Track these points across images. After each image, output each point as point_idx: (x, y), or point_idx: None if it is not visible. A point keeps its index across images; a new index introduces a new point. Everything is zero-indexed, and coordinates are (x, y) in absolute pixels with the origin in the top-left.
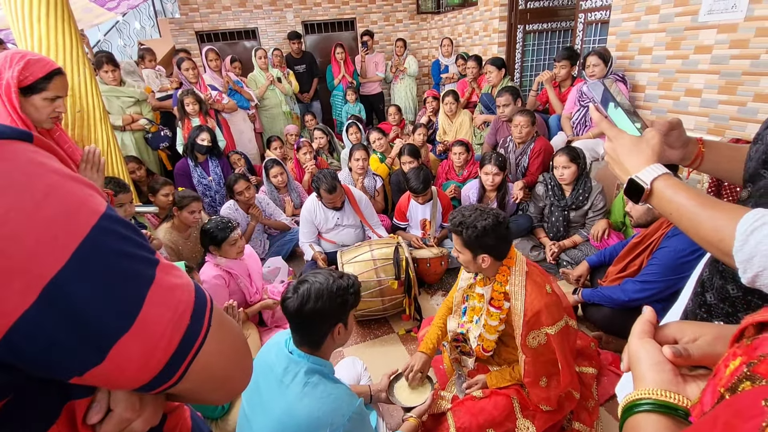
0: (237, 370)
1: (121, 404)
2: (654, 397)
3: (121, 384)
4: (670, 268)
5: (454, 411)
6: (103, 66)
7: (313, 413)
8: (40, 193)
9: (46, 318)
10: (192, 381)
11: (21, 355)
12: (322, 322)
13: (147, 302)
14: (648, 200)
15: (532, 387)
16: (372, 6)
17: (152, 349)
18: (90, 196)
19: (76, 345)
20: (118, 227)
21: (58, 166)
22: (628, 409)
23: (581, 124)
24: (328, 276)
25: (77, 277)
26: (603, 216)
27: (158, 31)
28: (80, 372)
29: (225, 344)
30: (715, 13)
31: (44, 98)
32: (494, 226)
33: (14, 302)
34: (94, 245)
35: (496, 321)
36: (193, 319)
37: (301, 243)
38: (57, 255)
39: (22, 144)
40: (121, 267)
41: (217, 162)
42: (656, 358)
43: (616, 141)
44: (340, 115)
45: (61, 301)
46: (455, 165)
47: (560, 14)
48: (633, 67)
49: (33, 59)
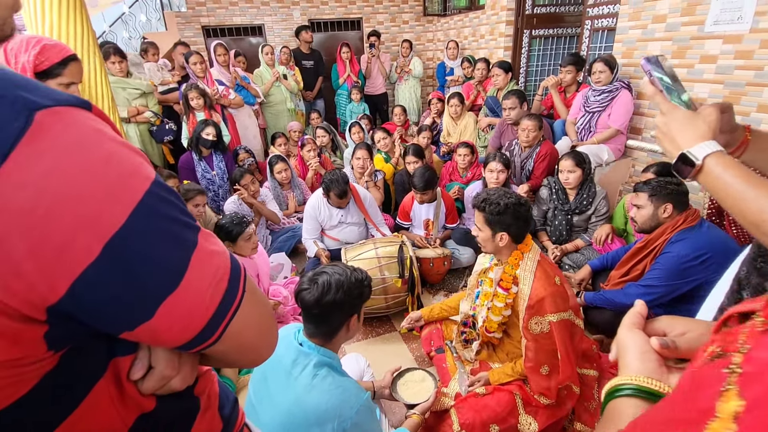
0: (265, 337)
1: (161, 362)
2: (636, 382)
3: (166, 341)
4: (674, 273)
5: (457, 408)
6: (110, 57)
7: (321, 405)
8: (103, 157)
9: (106, 272)
10: (226, 344)
11: (83, 306)
12: (341, 313)
13: (191, 265)
14: (696, 177)
15: (533, 374)
16: (379, 6)
17: (195, 309)
18: (141, 164)
19: (130, 300)
20: (167, 194)
21: (114, 135)
22: (610, 393)
23: (586, 129)
24: (346, 268)
25: (134, 236)
26: (606, 221)
27: (164, 24)
28: (132, 327)
29: (256, 312)
30: (721, 24)
31: (59, 84)
32: (516, 205)
33: (81, 255)
34: (147, 208)
35: (502, 303)
36: (230, 285)
37: (304, 239)
38: (117, 214)
39: (84, 111)
40: (170, 230)
41: (221, 157)
42: (642, 348)
43: (669, 115)
44: (344, 114)
45: (119, 257)
46: (459, 166)
47: (567, 20)
48: (638, 74)
49: (49, 44)
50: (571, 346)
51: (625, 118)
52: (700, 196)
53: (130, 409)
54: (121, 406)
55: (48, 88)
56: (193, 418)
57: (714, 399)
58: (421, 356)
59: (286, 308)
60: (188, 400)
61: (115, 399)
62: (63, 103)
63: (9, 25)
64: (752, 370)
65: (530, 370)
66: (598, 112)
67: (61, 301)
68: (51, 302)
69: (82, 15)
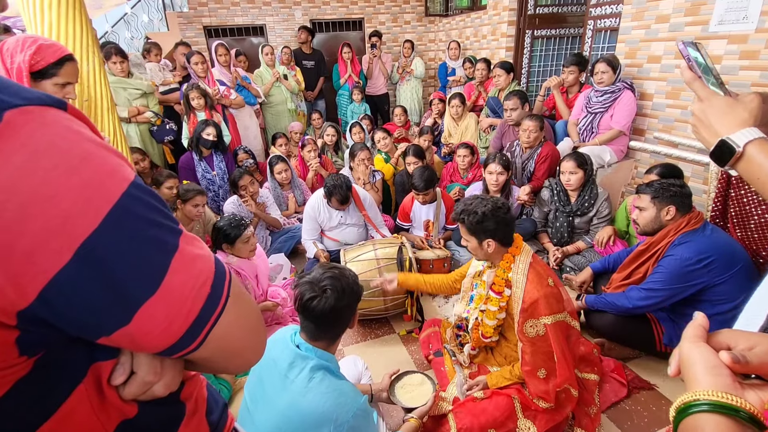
0: (252, 343)
1: (143, 367)
2: (713, 398)
3: (145, 346)
4: (676, 277)
5: (455, 412)
6: (111, 57)
7: (317, 408)
8: (77, 158)
9: (79, 276)
10: (210, 349)
11: (55, 311)
12: (349, 315)
13: (171, 269)
14: (736, 164)
15: (530, 377)
16: (380, 7)
17: (175, 315)
18: (120, 165)
19: (105, 305)
20: (146, 196)
21: (91, 135)
22: (682, 410)
23: (588, 130)
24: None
25: (108, 240)
26: (608, 223)
27: (166, 24)
28: (108, 332)
29: (242, 316)
30: (726, 24)
31: (54, 84)
32: (493, 210)
33: (51, 260)
34: (124, 210)
35: (496, 307)
36: (213, 289)
37: (303, 240)
38: (91, 217)
39: (59, 111)
40: (148, 233)
41: (222, 157)
42: (712, 362)
43: (707, 102)
44: (345, 115)
45: (93, 261)
46: (460, 167)
47: (569, 21)
48: (641, 75)
49: (45, 44)
50: (567, 348)
51: (628, 119)
52: (703, 199)
53: (111, 415)
54: (101, 412)
55: (20, 86)
56: (177, 424)
57: None
58: (420, 359)
59: (285, 310)
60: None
61: (95, 405)
62: (35, 102)
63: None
64: None
65: (528, 374)
66: (601, 113)
67: (31, 306)
68: (21, 308)
69: (81, 15)
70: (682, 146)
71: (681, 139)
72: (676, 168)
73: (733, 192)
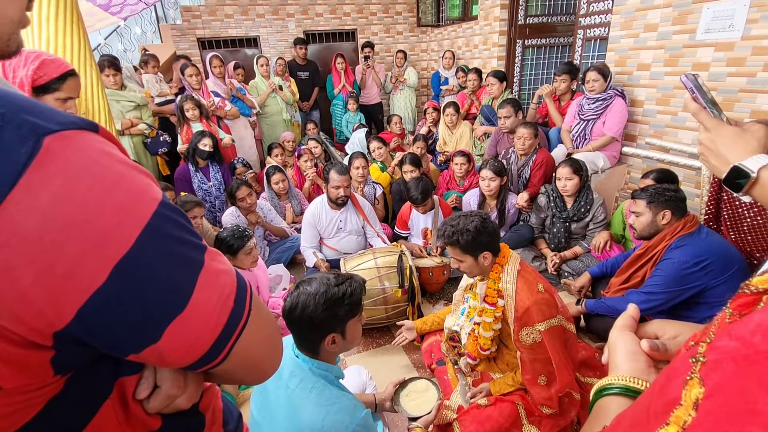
0: (271, 353)
1: (167, 381)
2: (623, 382)
3: (172, 362)
4: (674, 280)
5: (460, 421)
6: (104, 70)
7: (315, 423)
8: (110, 181)
9: (113, 296)
10: (232, 362)
11: (90, 330)
12: (312, 330)
13: (197, 286)
14: (750, 190)
15: (532, 386)
16: (373, 18)
17: (201, 330)
18: (149, 184)
19: (137, 323)
20: (174, 214)
21: (121, 156)
22: (598, 392)
23: (581, 137)
24: (322, 283)
25: (141, 259)
26: (604, 228)
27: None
28: (138, 350)
29: (262, 329)
30: (713, 32)
31: (56, 98)
32: (482, 223)
33: (88, 280)
34: (155, 230)
35: (491, 318)
36: (236, 303)
37: (302, 248)
38: (125, 238)
39: (92, 134)
40: (177, 251)
41: (218, 168)
42: (632, 349)
43: (715, 131)
44: (340, 124)
45: (127, 281)
46: (456, 175)
47: (559, 30)
48: (631, 82)
49: (48, 59)
50: (564, 353)
51: (620, 125)
52: (696, 202)
53: (136, 429)
54: (127, 426)
55: (53, 110)
56: None
57: (680, 388)
58: (423, 367)
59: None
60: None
61: (121, 419)
62: (70, 127)
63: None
64: (714, 358)
65: (529, 382)
66: (593, 120)
67: (68, 326)
68: (58, 328)
69: (79, 28)
70: (673, 151)
71: (672, 144)
72: (671, 173)
73: (725, 195)
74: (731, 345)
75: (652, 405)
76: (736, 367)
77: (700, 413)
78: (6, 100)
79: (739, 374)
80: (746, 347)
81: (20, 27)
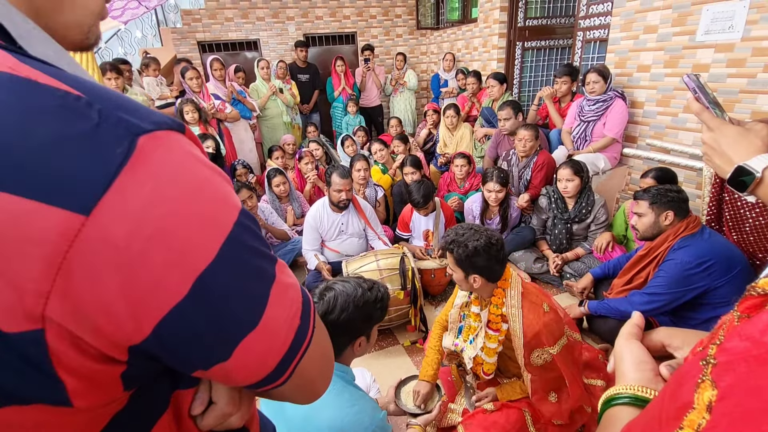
0: (326, 372)
1: (223, 398)
2: (631, 392)
3: (236, 380)
4: (677, 281)
5: (465, 425)
6: (106, 73)
7: (335, 423)
8: (197, 187)
9: (191, 311)
10: (292, 381)
11: (164, 346)
12: (344, 333)
13: (270, 301)
14: (756, 189)
15: (541, 404)
16: (373, 21)
17: (269, 349)
18: (230, 191)
19: (211, 340)
20: (251, 223)
21: (205, 159)
22: (606, 402)
23: (581, 138)
24: (357, 286)
25: (221, 272)
26: (605, 229)
27: (160, 40)
28: (207, 366)
29: (320, 347)
30: (713, 33)
31: None
32: (486, 246)
33: (170, 293)
34: (236, 241)
35: (495, 343)
36: (302, 320)
37: (304, 251)
38: (208, 249)
39: (181, 135)
40: (253, 264)
41: None
42: (639, 358)
43: (718, 131)
44: (340, 127)
45: (206, 296)
46: (457, 177)
47: (558, 32)
48: (631, 84)
49: None
50: (576, 368)
51: (620, 126)
52: (697, 203)
53: None
54: None
55: (146, 108)
56: None
57: (692, 392)
58: None
59: None
60: None
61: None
62: (163, 127)
63: (94, 33)
64: (725, 359)
65: (539, 401)
66: (593, 121)
67: (144, 341)
68: (135, 342)
69: None
70: (674, 152)
71: (673, 145)
72: (670, 171)
73: (726, 196)
74: (742, 346)
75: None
76: (748, 368)
77: (714, 415)
78: (103, 96)
79: (751, 374)
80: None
81: (100, 19)
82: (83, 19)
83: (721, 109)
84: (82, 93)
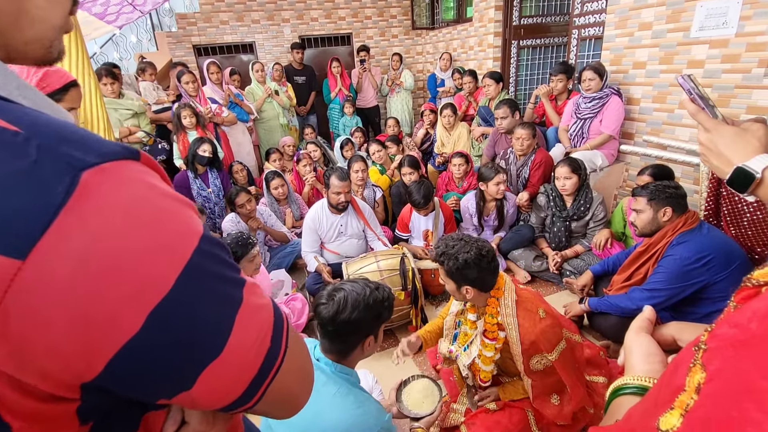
0: (304, 388)
1: (196, 418)
2: (639, 382)
3: (203, 405)
4: (677, 276)
5: (468, 425)
6: (102, 78)
7: (340, 425)
8: (151, 218)
9: (147, 343)
10: (265, 402)
11: (119, 380)
12: (355, 332)
13: (235, 327)
14: (756, 190)
15: (543, 407)
16: (368, 21)
17: (236, 374)
18: (190, 217)
19: (170, 371)
20: (214, 249)
21: (164, 187)
22: (614, 392)
23: (578, 136)
24: (365, 286)
25: (179, 303)
26: (604, 226)
27: (155, 44)
28: (169, 396)
29: (295, 363)
30: (707, 30)
31: None
32: (476, 259)
33: (122, 329)
34: (196, 269)
35: (492, 351)
36: (273, 342)
37: (303, 253)
38: (163, 280)
39: (133, 163)
40: (216, 291)
41: (217, 174)
42: (648, 350)
43: (715, 132)
44: (337, 128)
45: (162, 328)
46: (455, 176)
47: (553, 30)
48: (627, 80)
49: (50, 70)
50: (577, 372)
51: (617, 123)
52: (695, 198)
53: None
54: None
55: (94, 139)
56: None
57: (685, 376)
58: (428, 370)
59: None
60: None
61: None
62: (110, 158)
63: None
64: (714, 345)
65: (540, 405)
66: (590, 119)
67: (97, 377)
68: (86, 380)
69: (76, 37)
70: (670, 148)
71: (669, 141)
72: (667, 167)
73: (724, 191)
74: (730, 332)
75: (660, 395)
76: (734, 352)
77: (701, 396)
78: (44, 130)
79: (737, 358)
80: (743, 333)
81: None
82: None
83: (716, 109)
84: (19, 128)
